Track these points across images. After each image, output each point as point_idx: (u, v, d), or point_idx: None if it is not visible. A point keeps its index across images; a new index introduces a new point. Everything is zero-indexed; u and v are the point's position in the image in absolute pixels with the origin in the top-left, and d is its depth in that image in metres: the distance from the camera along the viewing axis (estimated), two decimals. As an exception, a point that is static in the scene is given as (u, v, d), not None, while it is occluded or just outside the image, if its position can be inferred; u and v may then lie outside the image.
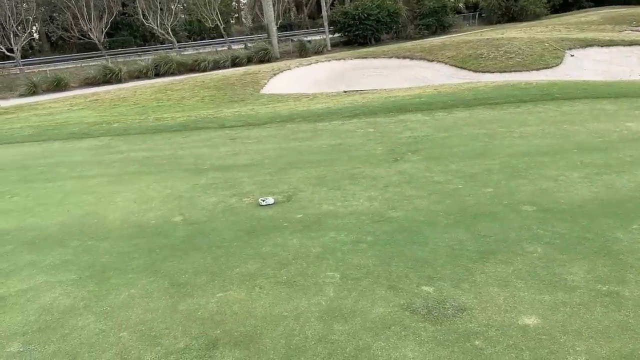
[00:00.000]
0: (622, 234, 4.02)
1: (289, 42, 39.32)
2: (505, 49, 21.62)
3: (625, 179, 5.24)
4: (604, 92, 9.88)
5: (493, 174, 5.78)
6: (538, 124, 7.91)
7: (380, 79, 20.93)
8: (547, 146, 6.70)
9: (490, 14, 46.17)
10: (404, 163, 6.53)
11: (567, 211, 4.54)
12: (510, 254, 3.83)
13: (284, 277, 3.71)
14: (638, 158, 5.89)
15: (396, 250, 4.03)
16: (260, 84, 20.40)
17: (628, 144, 6.52)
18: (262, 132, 9.61)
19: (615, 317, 2.96)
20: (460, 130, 8.06)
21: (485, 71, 19.87)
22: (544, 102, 9.50)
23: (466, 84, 13.48)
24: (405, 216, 4.74)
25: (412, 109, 10.24)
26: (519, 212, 4.63)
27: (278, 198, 5.49)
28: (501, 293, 3.29)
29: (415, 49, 25.33)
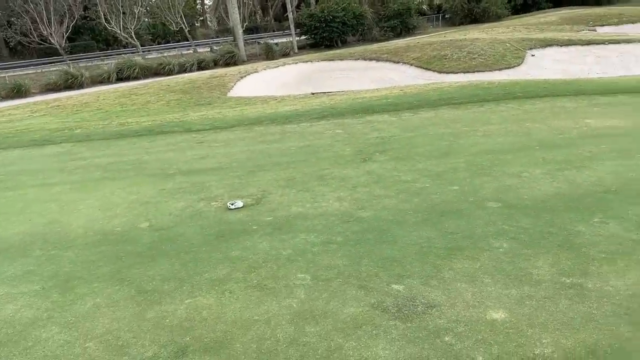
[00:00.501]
0: (584, 227, 4.14)
1: (255, 44, 39.18)
2: (468, 49, 22.04)
3: (585, 174, 5.40)
4: (564, 90, 10.18)
5: (459, 172, 5.88)
6: (501, 123, 8.09)
7: (347, 80, 21.05)
8: (510, 144, 6.85)
9: (453, 15, 47.07)
10: (372, 163, 6.58)
11: (530, 207, 4.65)
12: (477, 250, 3.89)
13: (254, 280, 3.68)
14: (597, 153, 6.08)
15: (366, 250, 4.04)
16: (227, 87, 20.23)
17: (587, 140, 6.73)
18: (229, 135, 9.52)
19: (580, 308, 3.04)
20: (426, 130, 8.17)
21: (450, 72, 20.21)
22: (507, 101, 9.73)
23: (431, 85, 13.69)
24: (375, 216, 4.77)
25: (379, 109, 10.32)
26: (484, 208, 4.71)
27: (247, 201, 5.45)
28: (469, 289, 3.34)
29: (381, 50, 25.57)
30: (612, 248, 3.75)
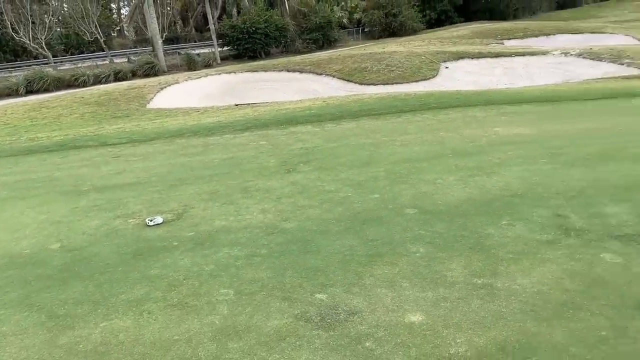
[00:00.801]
0: (493, 230, 4.39)
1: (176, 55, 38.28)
2: (387, 62, 22.82)
3: (494, 179, 5.75)
4: (475, 101, 10.80)
5: (379, 180, 6.06)
6: (417, 132, 8.44)
7: (271, 92, 21.09)
8: (425, 152, 7.16)
9: (372, 29, 48.56)
10: (296, 174, 6.62)
11: (445, 212, 4.88)
12: (396, 256, 4.02)
13: (174, 299, 3.58)
14: (505, 160, 6.49)
15: (290, 261, 4.06)
16: (146, 98, 19.60)
17: (496, 147, 7.17)
18: (148, 148, 9.23)
19: (490, 307, 3.22)
20: (348, 140, 8.35)
21: (370, 83, 20.81)
22: (422, 111, 10.17)
23: (352, 96, 14.03)
24: (299, 226, 4.80)
25: (302, 120, 10.43)
26: (402, 215, 4.88)
27: (167, 217, 5.30)
28: (389, 294, 3.44)
29: (304, 62, 25.89)
30: (519, 248, 4.01)
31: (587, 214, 4.56)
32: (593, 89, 12.16)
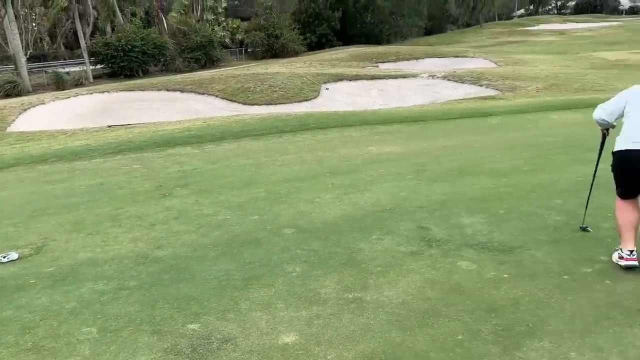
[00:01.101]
0: (364, 244, 4.59)
1: (42, 73, 35.43)
2: (270, 83, 23.10)
3: (367, 196, 6.03)
4: (352, 121, 11.30)
5: (259, 201, 6.07)
6: (297, 152, 8.62)
7: (149, 112, 20.28)
8: (305, 172, 7.32)
9: (255, 49, 48.96)
10: (173, 198, 6.41)
11: (321, 230, 5.00)
12: (272, 277, 4.03)
13: (28, 343, 3.25)
14: (377, 177, 6.84)
15: (162, 292, 3.89)
16: (6, 121, 17.84)
17: (369, 165, 7.53)
18: (5, 176, 8.38)
19: (359, 321, 3.34)
20: (229, 162, 8.28)
21: (253, 104, 20.90)
22: (302, 131, 10.42)
23: (234, 117, 13.98)
24: (173, 254, 4.63)
25: (181, 142, 10.16)
26: (280, 235, 4.92)
27: (24, 252, 4.82)
28: (263, 317, 3.43)
29: (186, 81, 25.31)
30: (386, 261, 4.22)
31: (446, 225, 4.94)
32: (455, 109, 13.32)
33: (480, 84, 23.93)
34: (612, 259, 3.98)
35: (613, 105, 3.95)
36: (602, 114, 4.02)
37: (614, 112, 3.94)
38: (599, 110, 4.05)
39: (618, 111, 3.91)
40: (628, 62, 28.33)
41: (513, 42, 57.80)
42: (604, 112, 4.01)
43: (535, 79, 22.68)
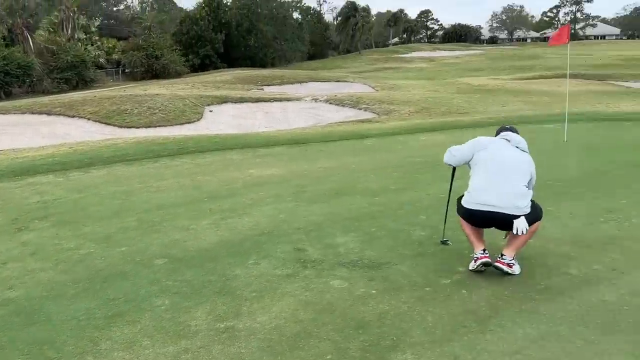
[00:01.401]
0: (240, 270, 4.51)
1: None
2: (148, 104, 22.22)
3: (245, 220, 5.96)
4: (233, 144, 11.20)
5: (129, 231, 5.73)
6: (174, 177, 8.32)
7: (10, 137, 18.44)
8: (181, 198, 7.08)
9: (134, 70, 47.02)
10: (29, 233, 5.83)
11: (195, 258, 4.84)
12: (138, 312, 3.80)
13: None
14: (257, 200, 6.81)
15: (10, 337, 3.49)
16: None
17: (250, 188, 7.48)
18: None
19: (230, 351, 3.25)
20: (97, 190, 7.76)
21: (131, 127, 19.93)
22: (181, 155, 10.11)
23: (105, 141, 13.19)
24: (26, 294, 4.19)
25: (43, 170, 9.33)
26: (151, 266, 4.68)
27: None
28: (126, 356, 3.21)
29: (54, 104, 23.49)
30: (262, 286, 4.18)
31: (322, 245, 5.04)
32: (335, 131, 13.79)
33: (359, 107, 25.07)
34: (469, 267, 4.32)
35: (461, 154, 4.40)
36: (450, 160, 4.48)
37: (461, 160, 4.42)
38: (448, 156, 4.49)
39: (465, 160, 4.39)
40: (488, 87, 31.44)
41: (389, 68, 61.67)
42: (453, 158, 4.46)
43: (408, 103, 24.28)
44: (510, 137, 4.33)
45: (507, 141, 4.31)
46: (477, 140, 4.39)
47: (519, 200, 4.03)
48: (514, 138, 4.33)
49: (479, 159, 4.26)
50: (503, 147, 4.28)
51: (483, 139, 4.41)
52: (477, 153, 4.29)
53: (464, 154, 4.38)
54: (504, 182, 4.06)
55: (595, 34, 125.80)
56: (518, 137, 4.35)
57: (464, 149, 4.40)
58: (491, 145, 4.30)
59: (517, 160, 4.21)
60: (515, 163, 4.18)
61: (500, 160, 4.18)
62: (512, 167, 4.14)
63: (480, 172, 4.21)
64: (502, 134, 4.41)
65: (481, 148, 4.29)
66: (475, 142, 4.37)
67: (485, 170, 4.17)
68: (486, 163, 4.20)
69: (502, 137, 4.38)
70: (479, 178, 4.18)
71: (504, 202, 4.02)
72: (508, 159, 4.19)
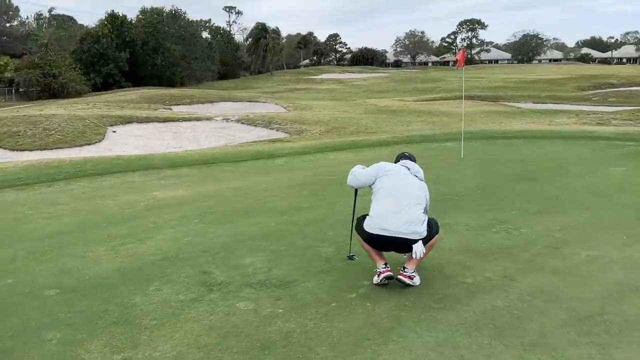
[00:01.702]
0: (140, 298, 4.29)
1: None
2: (44, 125, 20.79)
3: (147, 245, 5.70)
4: (136, 166, 10.74)
5: (16, 261, 5.28)
6: (70, 202, 7.81)
7: None
8: (77, 224, 6.65)
9: (28, 89, 43.91)
10: None
11: (90, 287, 4.54)
12: (26, 348, 3.49)
13: None
14: (160, 223, 6.55)
15: None
16: None
17: (153, 211, 7.19)
18: None
19: (126, 383, 3.06)
20: (-19, 218, 7.08)
21: (24, 149, 18.49)
22: (78, 179, 9.52)
23: (-6, 165, 12.12)
24: None
25: None
26: (40, 298, 4.33)
27: None
28: (6, 400, 2.92)
29: None
30: (163, 313, 4.00)
31: (228, 267, 4.94)
32: (246, 151, 13.69)
33: (271, 127, 25.14)
34: (373, 281, 4.43)
35: (364, 178, 4.57)
36: (353, 182, 4.66)
37: (364, 184, 4.60)
38: (351, 178, 4.66)
39: (367, 184, 4.57)
40: (394, 108, 32.86)
41: (300, 89, 62.61)
42: (356, 182, 4.64)
43: (319, 123, 24.73)
44: (409, 166, 4.60)
45: (407, 169, 4.57)
46: (380, 166, 4.57)
47: (418, 226, 4.26)
48: (413, 167, 4.60)
49: (380, 185, 4.45)
50: (403, 174, 4.50)
51: (385, 164, 4.61)
52: (379, 179, 4.47)
53: (367, 178, 4.56)
54: (403, 210, 4.26)
55: (489, 59, 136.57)
56: (416, 167, 4.63)
57: (367, 173, 4.57)
58: (392, 172, 4.51)
59: (416, 188, 4.45)
60: (414, 191, 4.41)
61: (400, 188, 4.39)
62: (411, 194, 4.37)
63: (381, 198, 4.38)
64: (402, 162, 4.67)
65: (383, 174, 4.48)
66: (378, 167, 4.56)
67: (386, 197, 4.36)
68: (387, 190, 4.39)
69: (402, 164, 4.63)
70: (381, 205, 4.35)
71: (404, 228, 4.23)
72: (408, 187, 4.41)
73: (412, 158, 4.78)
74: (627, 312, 3.80)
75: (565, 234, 5.72)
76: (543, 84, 53.95)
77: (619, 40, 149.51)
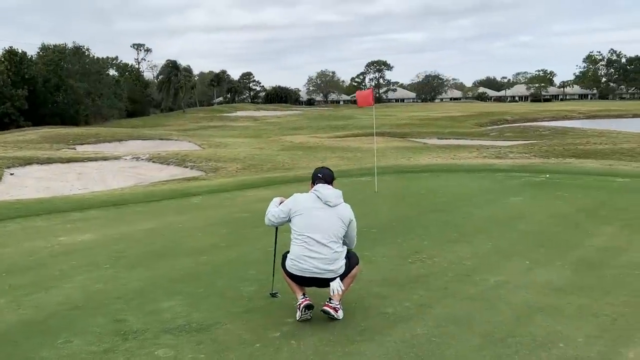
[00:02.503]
0: (47, 351, 3.97)
1: None
2: None
3: (53, 294, 5.31)
4: (39, 210, 10.02)
5: None
6: (-38, 252, 7.11)
7: None
8: (-29, 275, 6.04)
9: None
10: None
11: (-11, 344, 4.13)
12: None
13: None
14: (67, 270, 6.13)
15: None
16: None
17: (59, 258, 6.72)
18: None
19: None
20: None
21: None
22: (-29, 226, 8.70)
23: None
24: None
25: None
26: None
27: None
28: None
29: None
30: (73, 367, 3.72)
31: (144, 313, 4.71)
32: (158, 191, 13.25)
33: (185, 165, 24.62)
34: (296, 318, 4.42)
35: (278, 220, 4.59)
36: (270, 224, 4.68)
37: (281, 223, 4.64)
38: (267, 221, 4.68)
39: (283, 223, 4.61)
40: (309, 144, 33.50)
41: (214, 126, 62.11)
42: (272, 223, 4.66)
43: (235, 160, 24.60)
44: (320, 193, 4.44)
45: (319, 199, 4.42)
46: (294, 201, 4.54)
47: (333, 264, 4.35)
48: (324, 193, 4.43)
49: (294, 225, 4.47)
50: (314, 208, 4.40)
51: (297, 199, 4.55)
52: (293, 217, 4.48)
53: (282, 219, 4.57)
54: (316, 251, 4.33)
55: (396, 98, 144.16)
56: (327, 192, 4.45)
57: (280, 214, 4.55)
58: (304, 209, 4.43)
59: (328, 222, 4.37)
60: (327, 226, 4.36)
61: (312, 227, 4.36)
62: (325, 231, 4.35)
63: (297, 241, 4.42)
64: (315, 187, 4.54)
65: (296, 212, 4.45)
66: (291, 204, 4.53)
67: (301, 240, 4.39)
68: (302, 232, 4.40)
69: (314, 191, 4.50)
70: (297, 247, 4.41)
71: (320, 268, 4.33)
72: (320, 224, 4.36)
73: (327, 177, 4.59)
74: (535, 333, 4.09)
75: (474, 262, 6.07)
76: (445, 121, 57.74)
77: (511, 80, 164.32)
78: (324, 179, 4.59)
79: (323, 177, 4.61)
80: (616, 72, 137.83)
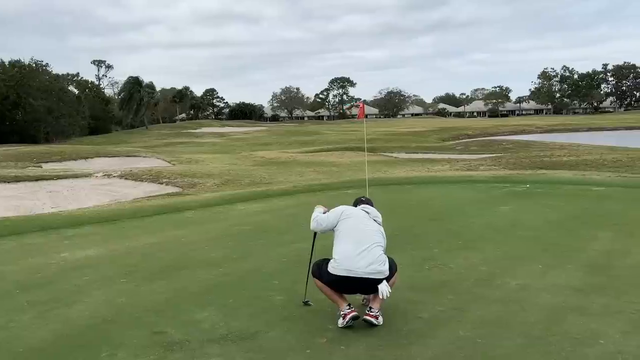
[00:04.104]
0: (95, 366, 3.90)
1: None
2: None
3: (77, 309, 5.19)
4: (29, 227, 9.70)
5: None
6: (-36, 270, 6.82)
7: None
8: (-18, 293, 5.83)
9: None
10: None
11: (30, 357, 4.03)
12: None
13: None
14: (83, 286, 5.99)
15: None
16: None
17: (69, 273, 6.56)
18: None
19: None
20: None
21: None
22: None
23: None
24: None
25: None
26: (-30, 380, 3.74)
27: None
28: None
29: None
30: (130, 378, 3.68)
31: (181, 324, 4.68)
32: (147, 206, 13.00)
33: (160, 181, 24.20)
34: (339, 324, 4.49)
35: (327, 224, 4.78)
36: (317, 228, 4.86)
37: (327, 229, 4.80)
38: (314, 225, 4.86)
39: (330, 228, 4.77)
40: (282, 159, 33.53)
41: (180, 142, 61.31)
42: (319, 227, 4.84)
43: (211, 176, 24.36)
44: (369, 210, 4.85)
45: (367, 213, 4.82)
46: (342, 210, 4.81)
47: (382, 266, 4.49)
48: (372, 211, 4.85)
49: (344, 227, 4.66)
50: (364, 218, 4.77)
51: (346, 208, 4.85)
52: (341, 221, 4.70)
53: (330, 223, 4.76)
54: (368, 251, 4.48)
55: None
56: (375, 211, 4.89)
57: (329, 218, 4.78)
58: (354, 215, 4.76)
59: (376, 231, 4.72)
60: (375, 233, 4.68)
61: (363, 231, 4.63)
62: (373, 236, 4.63)
63: (344, 241, 4.58)
64: (362, 206, 4.91)
65: (346, 217, 4.72)
66: (340, 211, 4.79)
67: (350, 239, 4.56)
68: (351, 233, 4.60)
69: (362, 208, 4.87)
70: (345, 247, 4.53)
71: (370, 268, 4.42)
72: (369, 230, 4.66)
73: (369, 202, 5.04)
74: (571, 331, 4.29)
75: (489, 267, 6.28)
76: (410, 136, 58.88)
77: (469, 96, 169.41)
78: (366, 202, 5.00)
79: (366, 200, 5.05)
80: (569, 88, 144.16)
